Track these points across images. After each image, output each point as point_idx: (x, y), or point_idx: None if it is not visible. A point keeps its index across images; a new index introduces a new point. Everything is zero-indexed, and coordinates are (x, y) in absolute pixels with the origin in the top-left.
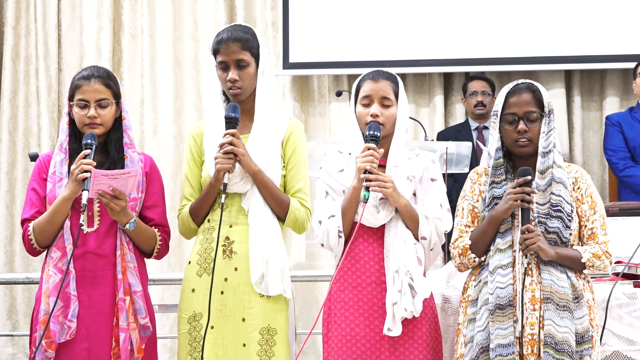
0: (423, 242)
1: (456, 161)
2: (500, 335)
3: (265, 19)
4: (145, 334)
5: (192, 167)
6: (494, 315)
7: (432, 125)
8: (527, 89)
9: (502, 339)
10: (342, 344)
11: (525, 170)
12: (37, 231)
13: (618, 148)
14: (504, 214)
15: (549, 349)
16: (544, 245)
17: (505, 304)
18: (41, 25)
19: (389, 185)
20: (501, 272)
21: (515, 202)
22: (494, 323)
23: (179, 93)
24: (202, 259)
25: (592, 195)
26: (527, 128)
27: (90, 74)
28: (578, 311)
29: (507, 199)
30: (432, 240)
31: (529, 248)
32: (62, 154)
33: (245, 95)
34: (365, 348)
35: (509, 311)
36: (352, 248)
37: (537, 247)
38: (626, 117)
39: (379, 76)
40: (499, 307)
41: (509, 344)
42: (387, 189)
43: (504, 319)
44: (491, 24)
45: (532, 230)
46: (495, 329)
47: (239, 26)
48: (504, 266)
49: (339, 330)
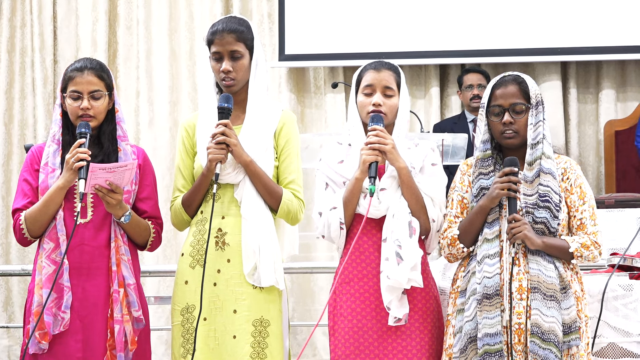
0: (432, 224)
1: (452, 153)
2: (487, 324)
3: (261, 10)
4: (138, 327)
5: (185, 158)
6: (482, 305)
7: (428, 117)
8: (513, 80)
9: (490, 328)
10: (349, 336)
11: (511, 160)
12: (30, 221)
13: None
14: (491, 203)
15: (535, 338)
16: (530, 234)
17: (493, 294)
18: (37, 17)
19: (388, 142)
20: (488, 261)
21: (502, 190)
22: (482, 313)
23: (174, 85)
24: (195, 251)
25: (582, 186)
26: (512, 120)
27: (84, 66)
28: (565, 301)
29: (494, 187)
30: (439, 222)
31: (516, 237)
32: (55, 145)
33: (238, 87)
34: (373, 339)
35: (496, 300)
36: (356, 240)
37: (524, 235)
38: None
39: (382, 66)
40: (486, 297)
41: (496, 333)
42: (386, 146)
43: (491, 308)
44: (487, 15)
45: (518, 219)
46: (482, 318)
47: (234, 18)
48: (491, 256)
49: (345, 322)
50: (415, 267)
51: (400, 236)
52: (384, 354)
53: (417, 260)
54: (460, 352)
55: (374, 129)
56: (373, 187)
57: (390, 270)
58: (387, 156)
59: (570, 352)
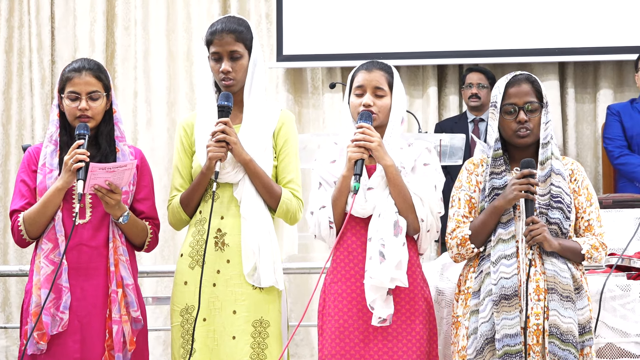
0: (421, 224)
1: (450, 153)
2: (507, 325)
3: (258, 11)
4: (136, 327)
5: (183, 157)
6: (499, 306)
7: (425, 117)
8: (526, 79)
9: (509, 329)
10: (335, 336)
11: (528, 161)
12: (28, 222)
13: (615, 136)
14: (508, 205)
15: (554, 339)
16: (548, 236)
17: (511, 294)
18: (34, 18)
19: (374, 139)
20: (505, 262)
21: (520, 192)
22: (500, 314)
23: (172, 85)
24: (194, 251)
25: (588, 187)
26: (527, 118)
27: (82, 66)
28: (579, 302)
29: (512, 189)
30: (428, 221)
31: (535, 239)
32: (52, 146)
33: (237, 87)
34: (359, 340)
35: (514, 301)
36: (343, 239)
37: (543, 237)
38: (626, 107)
39: (373, 66)
40: (504, 298)
41: (516, 334)
42: (372, 143)
43: (510, 309)
44: (485, 16)
45: (537, 222)
46: (501, 319)
47: (233, 18)
48: (507, 256)
49: (332, 322)
50: (399, 267)
51: (385, 235)
52: (370, 355)
53: (401, 260)
54: (477, 354)
55: (361, 127)
56: (357, 185)
57: (373, 270)
58: (373, 153)
59: (584, 352)
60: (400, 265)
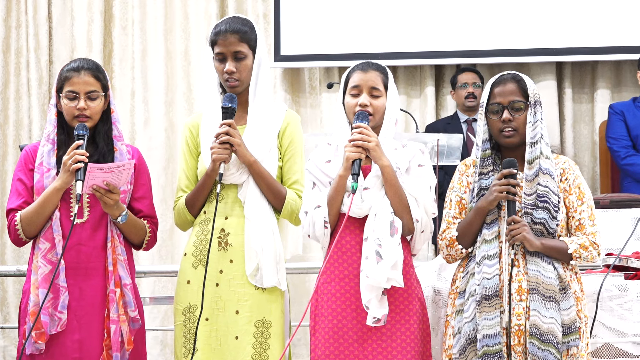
0: (416, 224)
1: (447, 153)
2: (486, 325)
3: (256, 11)
4: (134, 327)
5: (188, 158)
6: (481, 306)
7: (423, 117)
8: (512, 79)
9: (489, 329)
10: (329, 336)
11: (510, 161)
12: (25, 221)
13: (620, 136)
14: (489, 205)
15: (534, 339)
16: (529, 235)
17: (492, 295)
18: (32, 18)
19: (372, 139)
20: (488, 262)
21: (500, 193)
22: (481, 314)
23: (169, 85)
24: (198, 251)
25: (580, 186)
26: (511, 117)
27: (80, 66)
28: (565, 302)
29: (492, 190)
30: (423, 222)
31: (515, 238)
32: (50, 145)
33: (242, 88)
34: (352, 340)
35: (495, 302)
36: (338, 239)
37: (523, 237)
38: (629, 106)
39: (368, 67)
40: (485, 298)
41: (495, 334)
42: (370, 143)
43: (490, 309)
44: (482, 16)
45: (517, 221)
46: (482, 319)
47: (237, 18)
48: (490, 257)
49: (325, 323)
50: (395, 267)
51: (381, 235)
52: (364, 355)
53: (397, 260)
54: (460, 353)
55: (358, 126)
56: (355, 184)
57: (369, 269)
58: (370, 153)
59: (570, 353)
60: (396, 265)
